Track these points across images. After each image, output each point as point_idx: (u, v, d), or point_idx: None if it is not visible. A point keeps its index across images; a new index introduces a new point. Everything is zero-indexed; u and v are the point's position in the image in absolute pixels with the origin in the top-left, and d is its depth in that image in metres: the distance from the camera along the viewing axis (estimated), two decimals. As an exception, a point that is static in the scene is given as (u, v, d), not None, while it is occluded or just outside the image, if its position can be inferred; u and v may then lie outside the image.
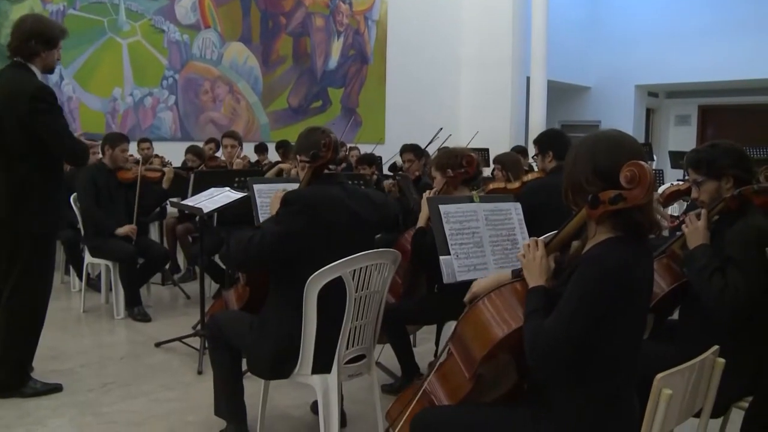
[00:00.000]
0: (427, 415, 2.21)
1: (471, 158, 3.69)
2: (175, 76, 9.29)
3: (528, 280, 2.12)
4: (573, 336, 1.91)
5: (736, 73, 13.91)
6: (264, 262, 2.89)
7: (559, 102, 15.23)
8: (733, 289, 2.58)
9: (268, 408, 3.36)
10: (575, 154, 2.05)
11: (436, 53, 12.67)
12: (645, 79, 15.44)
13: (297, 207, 2.82)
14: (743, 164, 2.88)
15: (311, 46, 10.99)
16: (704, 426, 2.18)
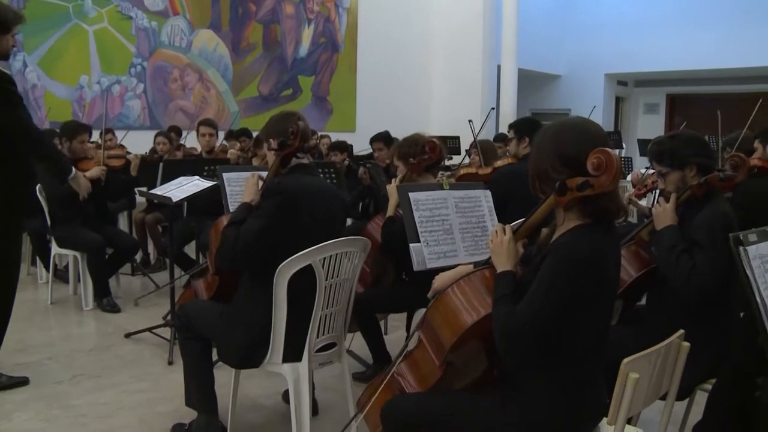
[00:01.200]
0: (397, 402, 2.22)
1: (434, 144, 3.67)
2: (143, 64, 9.16)
3: (496, 264, 2.12)
4: (544, 322, 1.92)
5: (703, 63, 14.09)
6: (253, 256, 2.85)
7: (529, 90, 15.30)
8: (699, 271, 2.63)
9: (240, 398, 3.34)
10: (540, 142, 2.06)
11: (407, 41, 12.64)
12: (614, 67, 15.57)
13: (278, 199, 2.81)
14: (705, 152, 2.93)
15: (281, 33, 10.90)
16: (670, 408, 2.22)
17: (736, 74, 14.76)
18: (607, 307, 2.08)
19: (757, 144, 4.35)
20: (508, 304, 1.98)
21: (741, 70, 14.27)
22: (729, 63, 13.81)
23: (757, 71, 14.24)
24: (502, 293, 2.03)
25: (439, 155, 3.70)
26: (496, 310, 2.02)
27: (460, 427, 2.15)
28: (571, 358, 2.02)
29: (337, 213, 3.06)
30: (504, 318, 1.97)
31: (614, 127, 16.09)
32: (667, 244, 2.76)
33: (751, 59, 13.49)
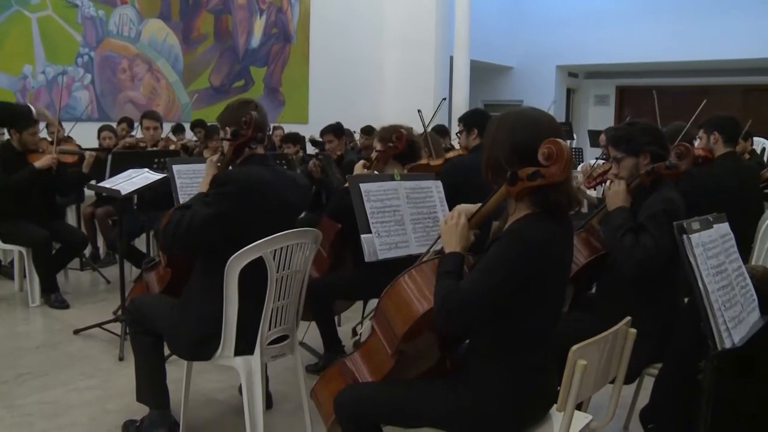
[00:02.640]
0: (350, 392, 2.23)
1: (400, 133, 3.69)
2: (90, 54, 8.93)
3: (445, 246, 2.13)
4: (484, 299, 1.95)
5: (652, 56, 14.37)
6: (192, 243, 2.81)
7: (482, 82, 15.40)
8: (642, 247, 2.71)
9: (192, 392, 3.31)
10: (493, 133, 2.07)
11: (360, 32, 12.60)
12: (566, 59, 15.76)
13: (228, 188, 2.76)
14: (659, 141, 3.01)
15: (233, 23, 10.75)
16: (618, 393, 2.27)
17: (683, 67, 15.09)
18: (557, 293, 2.11)
19: (702, 134, 4.45)
20: (451, 279, 2.00)
21: (688, 64, 14.61)
22: (676, 56, 14.12)
23: (702, 65, 14.61)
24: (448, 269, 2.04)
25: (405, 145, 3.70)
26: (439, 283, 2.02)
27: (413, 415, 2.17)
28: (522, 345, 2.05)
29: (293, 203, 3.02)
30: (446, 291, 1.98)
31: (565, 119, 16.30)
32: (615, 224, 2.83)
33: (697, 53, 13.81)
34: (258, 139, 2.90)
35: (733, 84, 15.43)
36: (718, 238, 2.13)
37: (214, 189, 2.77)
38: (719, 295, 2.00)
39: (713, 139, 4.35)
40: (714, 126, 4.36)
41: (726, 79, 15.33)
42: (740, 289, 2.16)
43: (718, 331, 1.94)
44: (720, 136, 4.32)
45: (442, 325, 2.02)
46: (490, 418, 2.05)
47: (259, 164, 2.95)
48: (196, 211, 2.74)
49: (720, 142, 4.33)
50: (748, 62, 14.06)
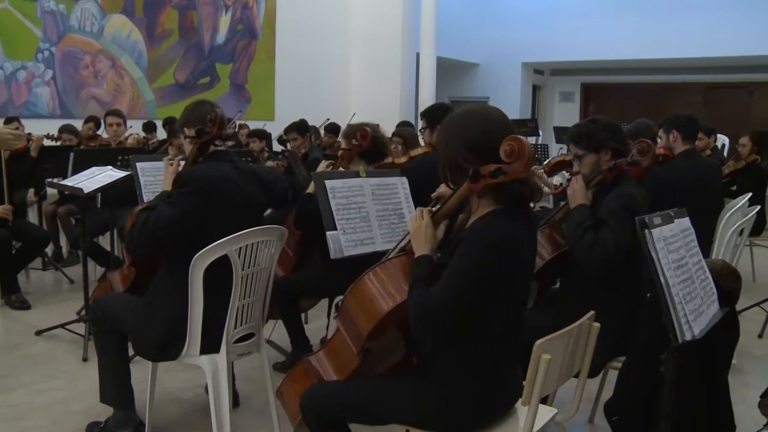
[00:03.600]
0: (315, 391, 2.22)
1: (365, 132, 3.68)
2: (51, 49, 8.77)
3: (414, 248, 2.14)
4: (458, 304, 1.96)
5: (616, 53, 14.54)
6: (158, 244, 2.79)
7: (448, 78, 15.45)
8: (602, 242, 2.74)
9: (158, 392, 3.28)
10: (446, 134, 2.09)
11: (326, 28, 12.56)
12: (531, 56, 15.88)
13: (190, 187, 2.74)
14: (620, 138, 3.05)
15: (198, 19, 10.64)
16: (582, 386, 2.29)
17: (646, 65, 15.31)
18: (521, 289, 2.13)
19: (661, 133, 4.53)
20: (424, 287, 2.01)
21: (651, 61, 14.82)
22: (640, 54, 14.32)
23: (665, 63, 14.83)
24: (418, 277, 2.05)
25: (370, 143, 3.69)
26: (411, 292, 2.04)
27: (380, 413, 2.17)
28: (487, 341, 2.06)
29: (258, 200, 3.01)
30: (419, 300, 1.99)
31: (531, 115, 16.43)
32: (576, 221, 2.87)
33: (660, 51, 14.02)
34: (223, 137, 2.89)
35: (695, 82, 15.71)
36: (679, 233, 2.17)
37: (178, 188, 2.75)
38: (680, 289, 2.03)
39: (672, 138, 4.43)
40: (672, 125, 4.45)
41: (688, 77, 15.59)
42: (700, 283, 2.20)
43: (679, 324, 1.97)
44: (678, 134, 4.40)
45: (419, 335, 2.04)
46: (456, 412, 2.07)
47: (223, 161, 2.93)
48: (161, 211, 2.72)
49: (679, 140, 4.41)
50: (709, 60, 14.31)
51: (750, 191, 5.00)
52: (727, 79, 15.35)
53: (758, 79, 15.14)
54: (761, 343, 4.79)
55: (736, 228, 3.98)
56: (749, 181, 6.09)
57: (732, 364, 3.12)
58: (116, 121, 6.48)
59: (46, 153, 5.82)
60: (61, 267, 6.11)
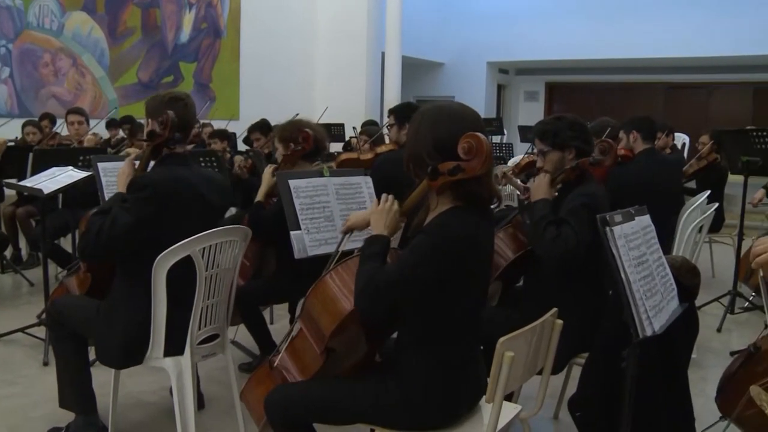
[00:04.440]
0: (279, 392, 2.21)
1: (306, 134, 3.63)
2: (8, 47, 8.60)
3: (373, 227, 2.13)
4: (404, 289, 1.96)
5: (579, 53, 14.72)
6: (114, 251, 2.74)
7: (413, 77, 15.50)
8: (564, 238, 2.76)
9: (122, 395, 3.24)
10: (416, 127, 2.09)
11: (291, 27, 12.51)
12: (496, 56, 16.00)
13: (146, 193, 2.69)
14: (585, 138, 3.08)
15: (161, 18, 10.53)
16: (545, 383, 2.32)
17: (609, 65, 15.52)
18: (481, 285, 2.14)
19: (622, 134, 4.61)
20: (377, 262, 2.00)
21: (614, 61, 15.04)
22: (603, 54, 14.51)
23: (627, 62, 15.06)
24: (373, 252, 2.04)
25: (313, 145, 3.65)
26: (362, 266, 2.02)
27: (344, 413, 2.17)
28: (448, 337, 2.07)
29: (215, 204, 2.95)
30: (370, 272, 1.98)
31: (496, 114, 16.55)
32: (537, 215, 2.88)
33: (623, 51, 14.23)
34: (176, 139, 2.81)
35: (656, 82, 15.97)
36: (639, 230, 2.20)
37: (133, 194, 2.69)
38: (640, 285, 2.06)
39: (632, 138, 4.52)
40: (632, 125, 4.54)
41: (650, 77, 15.85)
42: (660, 279, 2.24)
43: (640, 319, 2.00)
44: (638, 135, 4.50)
45: (362, 308, 2.01)
46: (419, 410, 2.07)
47: (179, 164, 2.86)
48: (116, 217, 2.66)
49: (639, 140, 4.50)
50: (670, 61, 14.58)
51: (709, 189, 5.10)
52: (686, 79, 15.65)
53: (717, 80, 15.46)
54: (720, 337, 4.88)
55: (696, 225, 4.05)
56: (709, 179, 6.20)
57: (692, 358, 3.17)
58: (78, 119, 6.36)
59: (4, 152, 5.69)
60: (21, 270, 5.98)
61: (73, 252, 5.52)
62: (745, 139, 5.20)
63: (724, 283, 5.66)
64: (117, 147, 6.80)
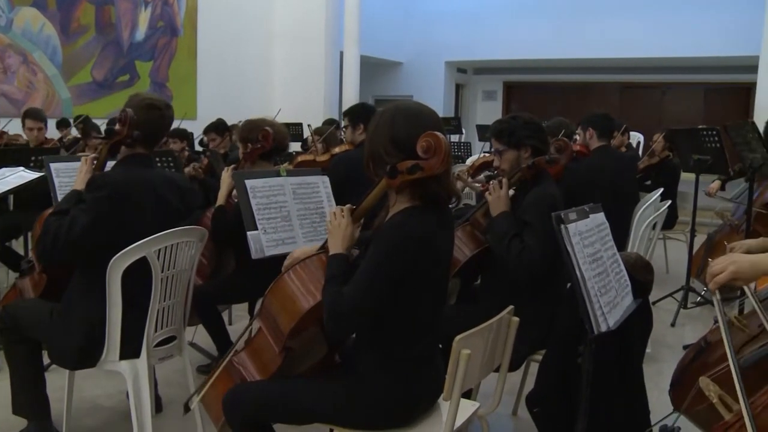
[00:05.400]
0: (238, 392, 2.20)
1: (266, 133, 3.61)
2: (-46, 43, 8.37)
3: (330, 246, 2.14)
4: (371, 302, 1.97)
5: (536, 53, 14.91)
6: (73, 253, 2.68)
7: (372, 77, 15.52)
8: (528, 250, 2.79)
9: (77, 400, 3.17)
10: (375, 126, 2.09)
11: (249, 27, 12.41)
12: (454, 55, 16.11)
13: (103, 192, 2.64)
14: (540, 137, 3.12)
15: (116, 15, 10.34)
16: (503, 380, 2.34)
17: (565, 65, 15.74)
18: (438, 286, 2.15)
19: (579, 131, 4.68)
20: (338, 284, 2.01)
21: (570, 61, 15.25)
22: (559, 54, 14.74)
23: (583, 63, 15.29)
24: (332, 274, 2.05)
25: (273, 144, 3.63)
26: (324, 291, 2.03)
27: (303, 412, 2.16)
28: (406, 337, 2.08)
29: (175, 206, 2.91)
30: (332, 298, 1.99)
31: (454, 113, 16.65)
32: (501, 230, 2.91)
33: (578, 51, 14.45)
34: (135, 138, 2.77)
35: (611, 81, 16.24)
36: (594, 227, 2.23)
37: (90, 193, 2.65)
38: (595, 282, 2.09)
39: (589, 135, 4.59)
40: (589, 123, 4.61)
41: (605, 76, 16.11)
42: (615, 275, 2.27)
43: (595, 315, 2.03)
44: (594, 132, 4.56)
45: (333, 333, 2.04)
46: (378, 410, 2.07)
47: (139, 165, 2.82)
48: (73, 218, 2.61)
49: (595, 137, 4.57)
50: (625, 61, 14.84)
51: (663, 186, 5.20)
52: (641, 79, 15.95)
53: (670, 80, 15.79)
54: (674, 331, 4.98)
55: (650, 222, 4.12)
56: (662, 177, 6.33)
57: (647, 352, 3.23)
58: (37, 125, 6.14)
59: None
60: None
61: (25, 254, 5.40)
62: (696, 138, 5.31)
63: (678, 278, 5.78)
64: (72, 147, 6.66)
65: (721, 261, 1.78)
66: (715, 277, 1.75)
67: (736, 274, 1.73)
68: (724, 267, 1.74)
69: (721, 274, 1.74)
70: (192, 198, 3.05)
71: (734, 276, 1.73)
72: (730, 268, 1.74)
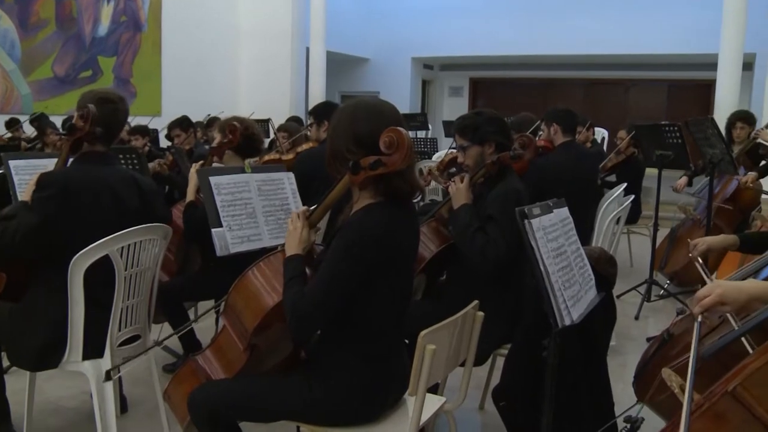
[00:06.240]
0: (203, 390, 2.18)
1: (233, 126, 3.58)
2: None
3: (286, 249, 2.14)
4: (333, 300, 1.97)
5: (502, 49, 15.00)
6: (22, 252, 2.64)
7: (338, 73, 15.48)
8: (493, 243, 2.81)
9: (38, 402, 3.12)
10: (336, 123, 2.09)
11: (215, 22, 12.29)
12: (421, 51, 16.14)
13: (50, 191, 2.59)
14: (504, 132, 3.13)
15: (77, 9, 10.15)
16: (468, 374, 2.36)
17: (531, 61, 15.87)
18: (403, 282, 2.15)
19: (543, 126, 4.71)
20: (297, 286, 2.01)
21: (535, 57, 15.39)
22: (524, 50, 14.84)
23: (549, 59, 15.43)
24: (290, 276, 2.05)
25: (243, 139, 3.60)
26: (285, 293, 2.03)
27: (268, 410, 2.16)
28: (371, 334, 2.08)
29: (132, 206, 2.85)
30: (293, 299, 1.99)
31: (420, 109, 16.68)
32: (462, 223, 2.92)
33: (544, 48, 14.57)
34: (97, 135, 2.72)
35: (577, 78, 16.41)
36: (558, 222, 2.25)
37: (37, 192, 2.60)
38: (559, 276, 2.11)
39: (553, 130, 4.61)
40: (553, 118, 4.63)
41: (571, 73, 16.27)
42: (578, 270, 2.29)
43: (559, 309, 2.05)
44: (559, 127, 4.59)
45: (297, 334, 2.04)
46: (344, 406, 2.07)
47: (98, 163, 2.78)
48: (21, 218, 2.57)
49: (559, 132, 4.60)
50: (590, 58, 15.00)
51: (627, 182, 5.27)
52: (606, 76, 16.14)
53: (635, 77, 16.02)
54: (638, 324, 5.06)
55: (614, 217, 4.17)
56: (627, 173, 6.41)
57: (611, 345, 3.27)
58: None
59: None
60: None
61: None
62: (659, 134, 5.39)
63: (642, 272, 5.86)
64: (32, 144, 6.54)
65: (707, 286, 1.80)
66: (701, 301, 1.77)
67: (722, 297, 1.74)
68: (711, 290, 1.77)
69: (707, 298, 1.76)
70: (154, 198, 3.00)
71: (721, 299, 1.75)
72: (717, 291, 1.75)
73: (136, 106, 10.85)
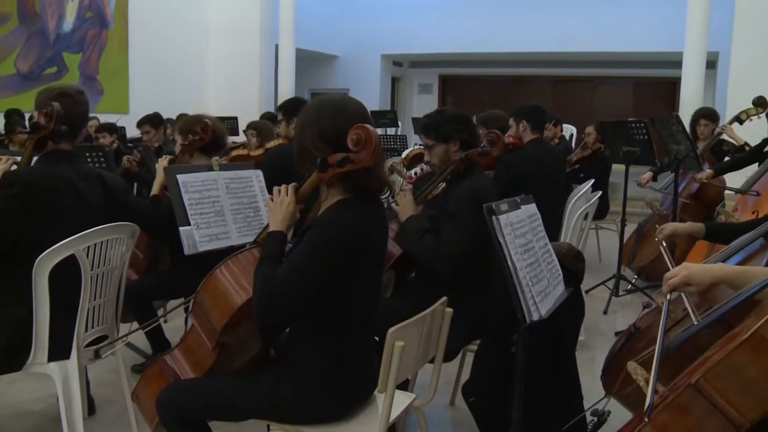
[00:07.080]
0: (171, 390, 2.16)
1: (205, 124, 3.56)
2: None
3: (271, 223, 2.10)
4: (301, 291, 1.96)
5: (471, 46, 15.06)
6: None
7: (308, 70, 15.43)
8: (444, 241, 2.82)
9: (2, 406, 3.07)
10: (302, 121, 2.09)
11: (182, 19, 12.17)
12: (390, 49, 16.14)
13: (13, 190, 2.56)
14: (468, 129, 3.15)
15: (40, 5, 9.97)
16: (438, 370, 2.36)
17: (499, 58, 15.94)
18: (373, 277, 2.16)
19: (512, 122, 4.74)
20: (272, 265, 1.99)
21: (504, 55, 15.46)
22: (493, 48, 14.91)
23: (517, 56, 15.52)
24: (268, 254, 2.03)
25: (211, 136, 3.57)
26: (259, 269, 2.01)
27: (237, 409, 2.14)
28: (340, 331, 2.08)
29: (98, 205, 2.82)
30: (265, 278, 1.97)
31: (390, 107, 16.69)
32: (410, 231, 2.93)
33: (512, 45, 14.66)
34: (62, 133, 2.69)
35: (544, 75, 16.54)
36: (525, 218, 2.27)
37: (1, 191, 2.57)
38: (527, 272, 2.13)
39: (522, 127, 4.65)
40: (521, 115, 4.66)
41: (539, 70, 16.39)
42: (546, 265, 2.32)
43: (527, 305, 2.06)
44: (528, 124, 4.63)
45: (260, 317, 2.00)
46: (313, 404, 2.07)
47: (62, 161, 2.74)
48: None
49: (528, 129, 4.63)
50: (558, 55, 15.11)
51: (594, 178, 5.33)
52: (574, 73, 16.28)
53: (602, 74, 16.17)
54: (606, 319, 5.12)
55: (582, 212, 4.22)
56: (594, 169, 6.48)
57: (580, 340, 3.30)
58: None
59: None
60: None
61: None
62: (625, 130, 5.46)
63: (610, 267, 5.93)
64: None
65: (675, 268, 1.86)
66: (668, 281, 1.83)
67: (688, 278, 1.80)
68: (678, 272, 1.83)
69: (674, 278, 1.82)
70: (122, 195, 2.97)
71: (687, 280, 1.80)
72: (683, 272, 1.81)
73: (103, 103, 10.72)
